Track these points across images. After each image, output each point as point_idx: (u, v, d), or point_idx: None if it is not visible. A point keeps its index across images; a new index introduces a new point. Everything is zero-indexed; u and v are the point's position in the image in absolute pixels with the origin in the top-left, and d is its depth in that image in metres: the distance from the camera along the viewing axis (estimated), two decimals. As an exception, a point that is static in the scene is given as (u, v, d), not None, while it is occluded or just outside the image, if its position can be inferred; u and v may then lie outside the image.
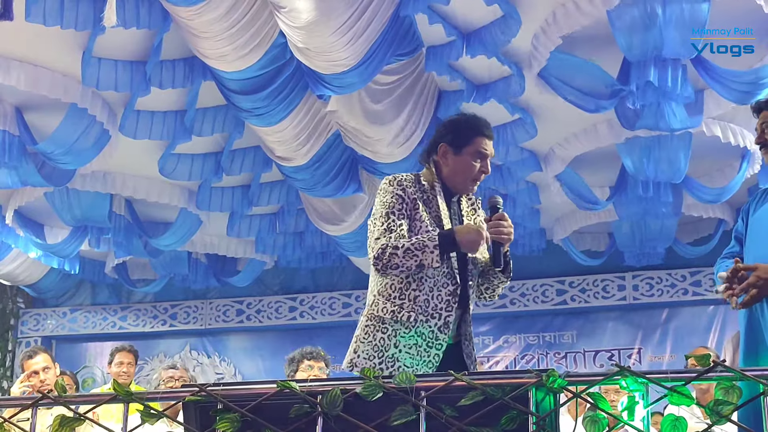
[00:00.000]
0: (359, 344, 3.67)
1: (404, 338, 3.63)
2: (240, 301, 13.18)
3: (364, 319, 3.72)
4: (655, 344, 11.85)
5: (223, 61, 6.95)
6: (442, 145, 3.86)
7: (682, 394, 2.61)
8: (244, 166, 9.26)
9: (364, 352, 3.64)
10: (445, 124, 4.00)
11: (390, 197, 3.73)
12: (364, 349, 3.65)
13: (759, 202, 3.93)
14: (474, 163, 3.83)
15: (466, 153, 3.82)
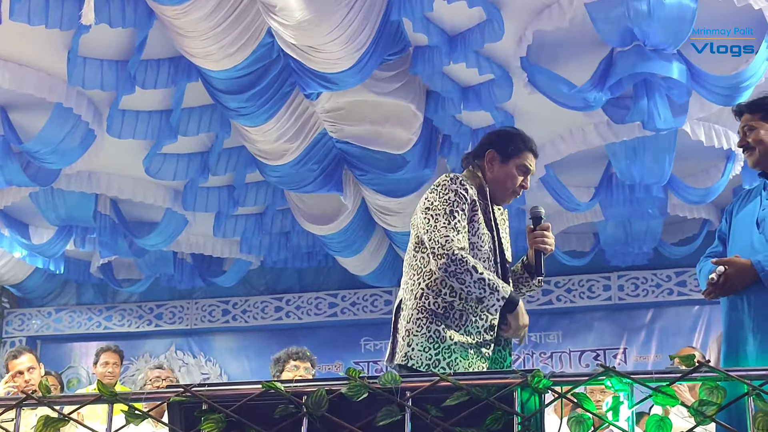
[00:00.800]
0: (413, 337, 3.61)
1: (458, 333, 3.62)
2: (226, 301, 13.15)
3: (413, 312, 3.66)
4: (640, 344, 11.87)
5: (209, 60, 6.94)
6: (490, 151, 3.92)
7: (667, 394, 2.62)
8: (230, 166, 9.24)
9: (418, 344, 3.59)
10: (496, 132, 4.07)
11: (453, 195, 3.73)
12: (418, 341, 3.59)
13: (742, 203, 3.96)
14: (518, 176, 3.92)
15: (513, 164, 3.91)
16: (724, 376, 2.59)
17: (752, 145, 3.87)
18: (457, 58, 7.28)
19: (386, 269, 11.88)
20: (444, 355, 3.56)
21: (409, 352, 3.60)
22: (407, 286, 3.77)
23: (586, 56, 7.26)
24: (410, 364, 3.57)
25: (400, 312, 3.75)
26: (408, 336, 3.62)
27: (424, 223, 3.72)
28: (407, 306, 3.71)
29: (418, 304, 3.66)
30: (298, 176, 8.84)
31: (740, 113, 3.97)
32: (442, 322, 3.61)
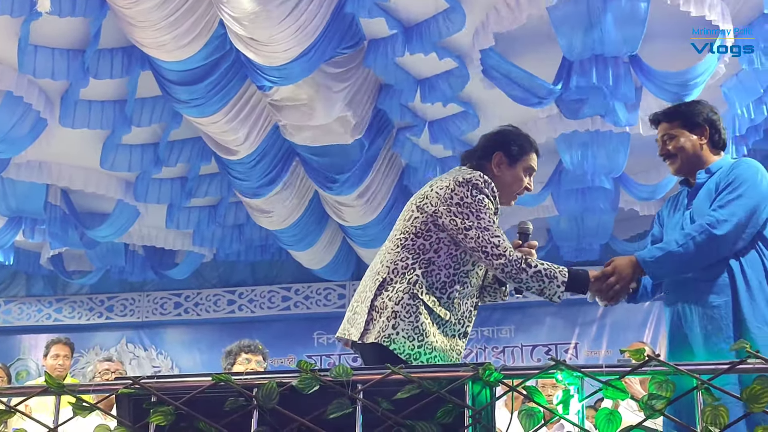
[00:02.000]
0: (399, 321, 3.51)
1: (439, 334, 3.59)
2: (178, 294, 13.07)
3: (404, 296, 3.56)
4: (591, 339, 11.97)
5: (162, 50, 6.89)
6: (498, 154, 3.86)
7: (617, 388, 2.63)
8: (183, 157, 9.18)
9: (404, 330, 3.50)
10: (501, 133, 3.98)
11: (486, 199, 3.68)
12: (404, 327, 3.50)
13: (671, 210, 4.04)
14: (523, 178, 3.90)
15: (519, 167, 3.88)
16: (673, 370, 2.60)
17: (673, 152, 3.94)
18: (414, 49, 7.27)
19: (340, 263, 11.88)
20: (426, 350, 3.51)
21: (393, 335, 3.49)
22: (396, 266, 3.63)
23: (543, 51, 7.30)
24: (393, 347, 3.47)
25: (382, 290, 3.61)
26: (395, 318, 3.51)
27: (461, 217, 3.60)
28: (395, 287, 3.58)
29: (410, 289, 3.56)
30: (255, 171, 8.81)
31: (657, 122, 4.04)
32: (429, 316, 3.56)
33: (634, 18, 6.56)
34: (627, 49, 6.81)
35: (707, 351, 3.55)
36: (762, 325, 3.52)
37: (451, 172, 3.84)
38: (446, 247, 3.64)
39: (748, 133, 8.55)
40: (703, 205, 3.77)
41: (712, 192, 3.77)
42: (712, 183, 3.81)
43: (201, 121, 7.94)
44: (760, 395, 2.51)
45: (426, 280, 3.59)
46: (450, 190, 3.66)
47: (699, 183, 3.88)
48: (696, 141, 3.92)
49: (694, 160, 3.92)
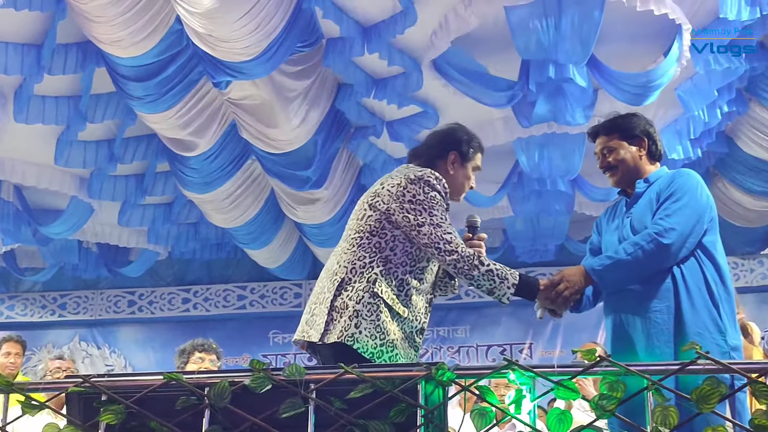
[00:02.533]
0: (362, 320, 3.50)
1: (399, 331, 3.58)
2: (132, 292, 12.96)
3: (364, 295, 3.55)
4: (546, 340, 12.04)
5: (117, 46, 6.84)
6: (453, 153, 3.89)
7: (569, 388, 2.65)
8: (138, 154, 9.11)
9: (367, 329, 3.49)
10: (454, 133, 4.00)
11: (439, 196, 3.70)
12: (367, 326, 3.49)
13: (609, 219, 4.12)
14: (471, 176, 3.94)
15: (469, 166, 3.92)
16: (624, 370, 2.63)
17: (614, 164, 4.01)
18: (372, 49, 7.28)
19: (296, 262, 11.86)
20: (388, 348, 3.52)
21: (356, 334, 3.48)
22: (354, 266, 3.63)
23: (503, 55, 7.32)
24: (356, 346, 3.45)
25: (342, 290, 3.60)
26: (357, 317, 3.50)
27: (414, 214, 3.62)
28: (355, 287, 3.58)
29: (370, 288, 3.56)
30: (209, 169, 8.77)
31: (595, 136, 4.11)
32: (389, 314, 3.56)
33: (590, 20, 6.61)
34: (583, 51, 6.86)
35: (649, 355, 3.61)
36: (702, 331, 3.59)
37: (400, 170, 3.85)
38: (402, 245, 3.65)
39: (702, 136, 8.65)
40: (643, 213, 3.84)
41: (652, 201, 3.84)
42: (652, 192, 3.89)
43: (154, 118, 7.87)
44: (710, 396, 2.54)
45: (385, 278, 3.60)
46: (402, 187, 3.68)
47: (638, 192, 3.96)
48: (635, 152, 4.00)
49: (633, 171, 4.00)
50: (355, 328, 3.49)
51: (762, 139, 8.94)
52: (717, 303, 3.66)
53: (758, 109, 8.66)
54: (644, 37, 7.48)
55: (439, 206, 3.67)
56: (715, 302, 3.66)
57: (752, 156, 9.26)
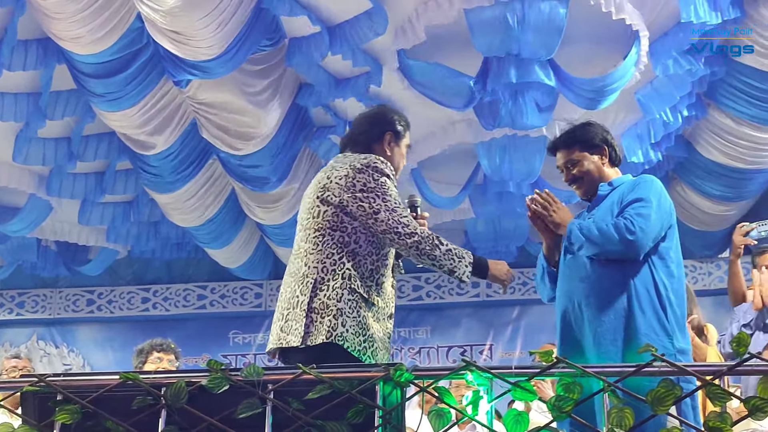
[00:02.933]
0: (346, 318, 3.51)
1: (376, 322, 3.60)
2: (91, 291, 12.86)
3: (343, 292, 3.55)
4: (506, 341, 12.09)
5: (77, 43, 6.79)
6: (389, 134, 3.91)
7: (525, 389, 2.66)
8: (100, 152, 9.03)
9: (351, 327, 3.51)
10: (384, 113, 4.03)
11: (390, 180, 3.72)
12: (351, 324, 3.51)
13: None
14: (405, 155, 3.99)
15: (402, 144, 3.96)
16: (580, 372, 2.64)
17: (579, 176, 4.08)
18: (336, 50, 7.27)
19: (257, 262, 11.83)
20: (369, 343, 3.53)
21: (345, 333, 3.49)
22: (324, 265, 3.61)
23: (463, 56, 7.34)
24: (346, 345, 3.47)
25: (317, 291, 3.58)
26: (341, 315, 3.50)
27: (368, 202, 3.62)
28: (331, 285, 3.57)
29: (347, 285, 3.57)
30: (170, 167, 8.73)
31: (555, 150, 4.18)
32: (367, 308, 3.58)
33: (552, 22, 6.64)
34: (544, 53, 6.90)
35: (595, 354, 3.65)
36: (650, 333, 3.65)
37: (340, 160, 3.85)
38: (364, 235, 3.67)
39: (661, 140, 8.72)
40: (604, 214, 3.89)
41: (614, 204, 3.90)
42: (615, 195, 3.95)
43: (115, 116, 7.82)
44: (665, 398, 2.56)
45: (357, 272, 3.61)
46: (351, 177, 3.68)
47: (601, 195, 4.04)
48: (598, 161, 4.08)
49: (598, 180, 4.07)
50: (342, 327, 3.50)
51: (721, 144, 9.03)
52: (665, 306, 3.71)
53: (717, 114, 8.75)
54: (606, 41, 7.52)
55: (391, 190, 3.69)
56: (663, 306, 3.71)
57: (711, 160, 9.35)
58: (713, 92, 8.48)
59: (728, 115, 8.61)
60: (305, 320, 3.53)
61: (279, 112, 8.21)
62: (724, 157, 9.16)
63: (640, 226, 3.68)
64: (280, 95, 8.06)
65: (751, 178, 9.50)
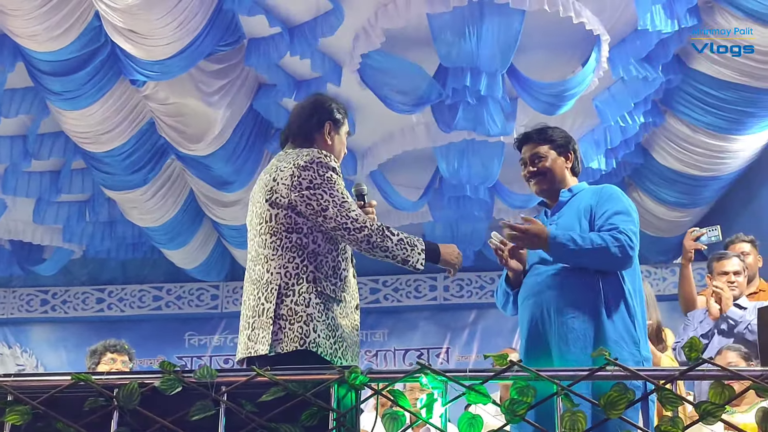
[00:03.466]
0: (317, 323, 3.46)
1: (342, 318, 3.57)
2: (45, 291, 12.73)
3: (310, 296, 3.51)
4: (462, 344, 12.11)
5: (33, 41, 6.72)
6: (328, 123, 3.88)
7: (480, 392, 2.67)
8: (56, 150, 8.94)
9: (322, 332, 3.46)
10: (321, 102, 3.97)
11: (335, 174, 3.68)
12: (321, 328, 3.46)
13: None
14: (345, 143, 3.97)
15: (342, 132, 3.94)
16: (534, 375, 2.66)
17: (543, 171, 4.10)
18: (295, 51, 7.26)
19: (214, 263, 11.76)
20: (340, 344, 3.50)
21: (316, 338, 3.44)
22: (287, 270, 3.56)
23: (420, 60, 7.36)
24: (320, 351, 3.42)
25: (283, 297, 3.52)
26: (312, 321, 3.45)
27: (315, 199, 3.58)
28: (297, 290, 3.52)
29: (313, 288, 3.52)
30: (123, 166, 8.66)
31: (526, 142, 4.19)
32: (335, 308, 3.55)
33: (510, 28, 6.68)
34: (502, 58, 6.93)
35: (564, 360, 3.67)
36: (619, 341, 3.68)
37: (282, 158, 3.79)
38: (321, 234, 3.62)
39: (618, 147, 8.79)
40: (570, 221, 3.93)
41: (581, 212, 3.93)
42: (579, 203, 3.99)
43: (72, 114, 7.75)
44: (617, 402, 2.58)
45: (321, 273, 3.57)
46: (297, 176, 3.63)
47: (562, 201, 4.07)
48: (563, 164, 4.12)
49: (559, 181, 4.11)
50: (314, 333, 3.45)
51: (676, 151, 9.11)
52: (633, 315, 3.76)
53: (673, 121, 8.82)
54: (564, 47, 7.57)
55: (338, 184, 3.65)
56: (632, 314, 3.76)
57: (667, 167, 9.43)
58: (669, 100, 8.56)
59: (684, 122, 8.69)
60: (272, 327, 3.48)
61: (236, 113, 8.18)
62: (680, 164, 9.25)
63: (635, 241, 3.74)
64: (238, 96, 8.03)
65: (705, 185, 9.60)
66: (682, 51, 7.93)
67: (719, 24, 7.35)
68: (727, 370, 2.67)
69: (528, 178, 4.16)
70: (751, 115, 8.14)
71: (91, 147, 8.33)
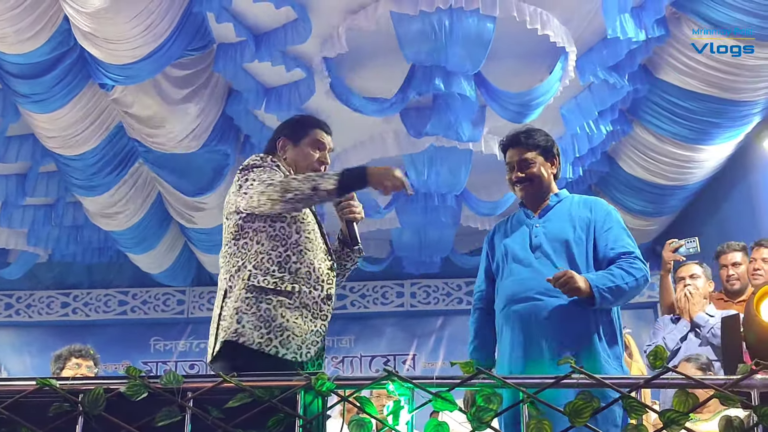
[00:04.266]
0: (242, 315, 3.48)
1: (290, 309, 3.55)
2: (9, 295, 12.62)
3: (242, 292, 3.54)
4: (429, 351, 12.14)
5: (2, 42, 6.67)
6: (281, 139, 3.92)
7: (446, 399, 2.68)
8: (23, 153, 8.86)
9: (249, 322, 3.46)
10: (282, 123, 4.06)
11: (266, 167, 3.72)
12: (249, 319, 3.47)
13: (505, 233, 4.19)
14: (313, 153, 3.91)
15: (305, 144, 3.91)
16: (501, 383, 2.67)
17: (530, 178, 4.09)
18: (263, 57, 7.26)
19: (180, 268, 11.71)
20: (276, 334, 3.50)
21: (240, 329, 3.45)
22: (231, 273, 3.63)
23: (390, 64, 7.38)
24: (241, 341, 3.42)
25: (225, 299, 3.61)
26: (237, 314, 3.49)
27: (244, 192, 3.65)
28: (234, 291, 3.58)
29: (246, 284, 3.55)
30: (90, 171, 8.62)
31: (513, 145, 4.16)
32: (274, 300, 3.54)
33: (480, 36, 6.71)
34: (471, 66, 6.96)
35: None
36: (608, 358, 3.70)
37: None
38: (264, 233, 3.65)
39: (585, 155, 8.85)
40: (561, 227, 3.95)
41: (575, 219, 3.95)
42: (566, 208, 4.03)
43: (41, 117, 7.70)
44: (582, 410, 2.60)
45: (260, 270, 3.58)
46: (235, 182, 3.76)
47: (550, 205, 4.08)
48: (549, 170, 4.13)
49: (545, 188, 4.11)
50: (237, 324, 3.47)
51: (643, 160, 9.18)
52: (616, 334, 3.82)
53: (640, 131, 8.89)
54: (531, 56, 7.62)
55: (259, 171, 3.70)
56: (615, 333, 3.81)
57: (633, 176, 9.50)
58: (636, 109, 8.62)
59: (651, 131, 8.75)
60: (216, 330, 3.55)
61: (208, 118, 8.16)
62: (646, 173, 9.32)
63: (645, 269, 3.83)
64: (207, 101, 8.01)
65: (671, 194, 9.68)
66: (650, 61, 7.99)
67: (687, 36, 7.42)
68: (692, 379, 2.69)
69: (515, 182, 4.13)
70: (717, 126, 8.21)
71: (61, 150, 8.27)
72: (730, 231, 8.99)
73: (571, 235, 3.89)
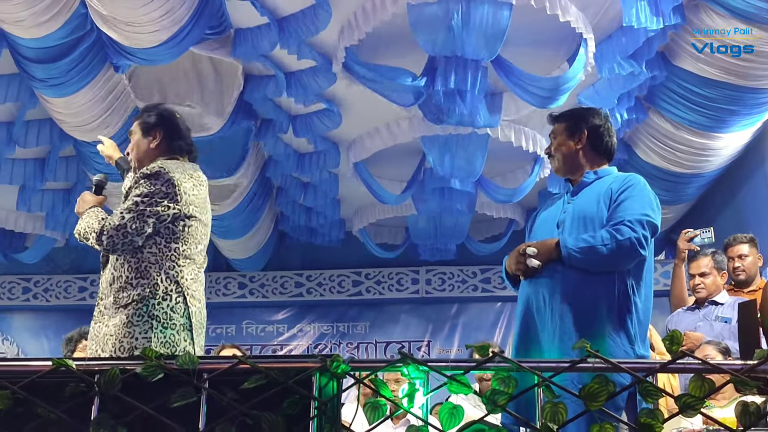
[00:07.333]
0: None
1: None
2: (27, 279, 12.70)
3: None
4: (444, 337, 12.16)
5: (19, 27, 6.67)
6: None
7: (461, 382, 2.67)
8: (41, 138, 8.89)
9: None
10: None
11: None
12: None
13: (544, 208, 4.20)
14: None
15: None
16: (516, 366, 2.66)
17: (552, 152, 4.15)
18: (283, 44, 7.24)
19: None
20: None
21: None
22: None
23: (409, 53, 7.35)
24: None
25: None
26: None
27: None
28: None
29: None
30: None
31: (552, 122, 4.22)
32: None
33: (496, 24, 6.68)
34: (487, 54, 6.92)
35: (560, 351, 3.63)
36: (615, 335, 3.66)
37: None
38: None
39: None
40: (588, 202, 3.92)
41: (601, 194, 3.92)
42: (601, 186, 3.97)
43: (58, 102, 7.71)
44: (598, 394, 2.59)
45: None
46: None
47: (585, 182, 4.05)
48: (572, 145, 4.10)
49: (569, 162, 4.10)
50: None
51: (660, 148, 9.14)
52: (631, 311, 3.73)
53: (657, 118, 8.85)
54: (548, 43, 7.58)
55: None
56: (630, 310, 3.72)
57: (650, 164, 9.45)
58: (653, 96, 8.58)
59: (668, 119, 8.71)
60: None
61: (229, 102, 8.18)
62: (663, 161, 9.27)
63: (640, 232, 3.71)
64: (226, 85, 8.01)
65: (688, 183, 9.63)
66: (667, 48, 7.95)
67: (704, 23, 7.37)
68: (708, 364, 2.68)
69: (546, 154, 4.26)
70: (734, 113, 8.16)
71: (79, 135, 8.29)
72: (746, 219, 8.95)
73: (593, 211, 3.86)
